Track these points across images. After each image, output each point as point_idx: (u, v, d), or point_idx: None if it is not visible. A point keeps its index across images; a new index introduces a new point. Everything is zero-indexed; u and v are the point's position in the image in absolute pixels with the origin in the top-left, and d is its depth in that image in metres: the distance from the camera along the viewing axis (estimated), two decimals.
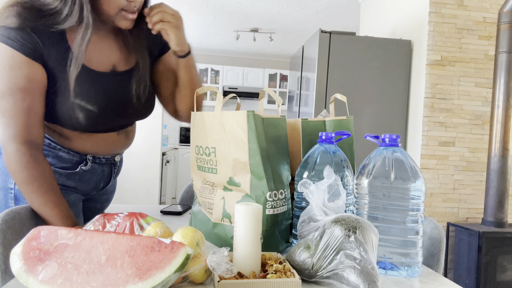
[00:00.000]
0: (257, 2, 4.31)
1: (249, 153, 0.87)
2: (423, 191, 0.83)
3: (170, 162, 5.16)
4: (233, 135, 0.89)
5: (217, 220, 0.96)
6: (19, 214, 0.92)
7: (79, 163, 1.07)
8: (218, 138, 0.93)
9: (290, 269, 0.71)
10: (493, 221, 2.52)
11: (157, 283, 0.58)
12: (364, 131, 2.82)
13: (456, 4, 2.73)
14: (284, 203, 0.94)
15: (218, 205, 0.95)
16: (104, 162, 1.13)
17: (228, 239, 0.93)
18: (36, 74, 0.92)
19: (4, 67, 0.89)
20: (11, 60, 0.89)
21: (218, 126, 0.92)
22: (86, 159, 1.08)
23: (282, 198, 0.93)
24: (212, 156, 0.95)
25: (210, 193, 0.98)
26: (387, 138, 0.86)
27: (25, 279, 0.62)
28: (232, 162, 0.90)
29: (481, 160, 2.79)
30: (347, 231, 0.71)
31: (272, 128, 0.96)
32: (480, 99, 2.78)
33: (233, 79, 6.57)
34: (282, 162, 0.97)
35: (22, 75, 0.90)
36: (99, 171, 1.12)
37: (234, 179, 0.91)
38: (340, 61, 2.82)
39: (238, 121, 0.88)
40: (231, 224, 0.92)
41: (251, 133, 0.87)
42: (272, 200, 0.89)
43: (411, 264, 0.81)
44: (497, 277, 2.46)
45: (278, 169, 0.95)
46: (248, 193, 0.89)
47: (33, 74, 0.91)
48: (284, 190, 0.94)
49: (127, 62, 1.06)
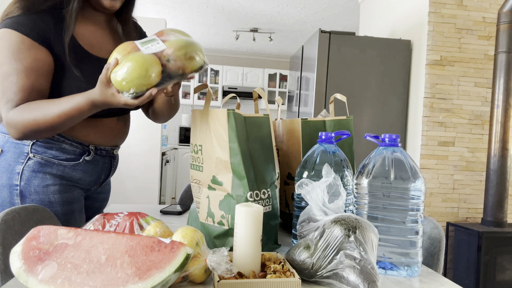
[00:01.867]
0: (257, 2, 4.31)
1: (230, 152, 0.87)
2: (422, 191, 0.83)
3: (170, 162, 5.16)
4: (215, 133, 0.89)
5: (203, 219, 0.96)
6: (18, 214, 0.92)
7: (82, 154, 1.10)
8: (204, 136, 0.93)
9: (289, 269, 0.72)
10: (493, 221, 2.52)
11: (157, 283, 0.58)
12: (363, 131, 2.82)
13: (455, 4, 2.73)
14: (268, 203, 0.93)
15: (204, 204, 0.95)
16: (105, 154, 1.16)
17: (211, 238, 0.92)
18: (42, 55, 0.97)
19: (13, 50, 0.94)
20: (20, 44, 0.95)
21: (205, 124, 0.92)
22: (89, 150, 1.11)
23: (265, 198, 0.92)
24: (199, 154, 0.95)
25: (198, 192, 0.98)
26: (387, 138, 0.86)
27: (25, 278, 0.62)
28: (215, 161, 0.90)
29: (481, 160, 2.79)
30: (347, 231, 0.72)
31: (255, 127, 0.95)
32: (480, 99, 2.78)
33: (233, 79, 6.57)
34: (266, 161, 0.96)
35: (29, 56, 0.95)
36: (100, 163, 1.16)
37: (217, 177, 0.91)
38: (340, 61, 2.82)
39: (220, 119, 0.88)
40: (214, 223, 0.92)
41: (232, 132, 0.86)
42: (253, 200, 0.88)
43: (410, 264, 0.81)
44: (497, 277, 2.46)
45: (261, 168, 0.94)
46: (230, 193, 0.88)
47: (39, 55, 0.97)
48: (267, 190, 0.93)
49: None
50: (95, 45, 1.08)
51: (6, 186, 1.03)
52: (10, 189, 1.03)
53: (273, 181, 0.96)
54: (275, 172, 0.97)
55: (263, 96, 1.00)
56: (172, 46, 0.87)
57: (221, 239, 0.91)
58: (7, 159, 1.03)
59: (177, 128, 6.68)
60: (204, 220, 0.95)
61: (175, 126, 6.74)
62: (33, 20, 0.97)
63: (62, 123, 0.95)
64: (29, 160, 1.03)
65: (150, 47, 0.87)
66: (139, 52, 0.86)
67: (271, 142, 0.99)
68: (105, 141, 1.14)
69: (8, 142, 1.04)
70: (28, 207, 0.96)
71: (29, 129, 0.94)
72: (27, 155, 1.03)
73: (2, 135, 1.06)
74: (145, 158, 3.98)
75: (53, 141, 1.05)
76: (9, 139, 1.05)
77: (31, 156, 1.04)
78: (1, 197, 1.03)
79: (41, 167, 1.04)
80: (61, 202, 1.07)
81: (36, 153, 1.04)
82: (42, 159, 1.04)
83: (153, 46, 0.87)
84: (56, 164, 1.06)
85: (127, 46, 0.89)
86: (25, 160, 1.03)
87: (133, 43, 0.89)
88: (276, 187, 0.97)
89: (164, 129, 5.67)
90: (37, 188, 1.04)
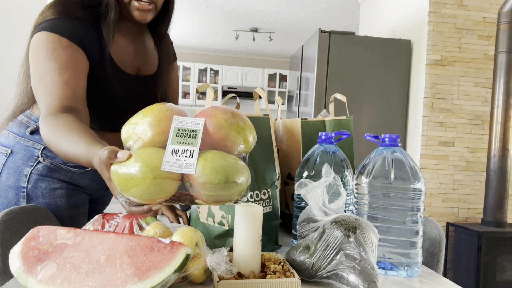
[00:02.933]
0: (257, 2, 4.31)
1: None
2: (423, 191, 0.83)
3: None
4: None
5: (203, 219, 0.96)
6: (18, 214, 0.92)
7: None
8: None
9: (289, 269, 0.71)
10: (493, 221, 2.52)
11: (157, 283, 0.57)
12: (363, 131, 2.82)
13: (455, 4, 2.73)
14: (268, 203, 0.92)
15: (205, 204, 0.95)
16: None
17: (211, 239, 0.92)
18: (80, 55, 0.94)
19: (49, 50, 0.90)
20: (57, 44, 0.91)
21: None
22: None
23: (265, 198, 0.92)
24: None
25: None
26: (387, 138, 0.86)
27: (24, 279, 0.61)
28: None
29: (481, 160, 2.79)
30: (346, 231, 0.71)
31: (255, 127, 0.94)
32: (480, 99, 2.78)
33: (233, 79, 6.57)
34: (266, 161, 0.95)
35: (65, 53, 0.91)
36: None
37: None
38: (340, 61, 2.82)
39: None
40: (214, 224, 0.92)
41: None
42: (253, 200, 0.88)
43: (410, 264, 0.81)
44: (497, 277, 2.46)
45: (261, 169, 0.93)
46: None
47: (77, 54, 0.93)
48: (268, 190, 0.93)
49: (151, 66, 1.13)
50: (123, 60, 1.05)
51: (13, 188, 1.03)
52: (17, 190, 1.03)
53: (273, 182, 0.96)
54: (275, 172, 0.97)
55: (263, 96, 1.00)
56: (206, 177, 0.60)
57: (221, 239, 0.91)
58: (16, 161, 1.03)
59: None
60: (204, 220, 0.95)
61: None
62: (71, 23, 0.94)
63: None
64: (38, 163, 1.03)
65: (178, 158, 0.61)
66: (158, 155, 0.61)
67: (271, 142, 0.98)
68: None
69: (19, 144, 1.04)
70: (27, 207, 0.96)
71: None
72: (37, 159, 1.03)
73: (14, 136, 1.04)
74: None
75: None
76: (20, 141, 1.04)
77: (41, 160, 1.03)
78: (7, 198, 1.03)
79: (50, 172, 1.04)
80: (67, 206, 1.07)
81: (46, 157, 1.04)
82: (52, 163, 1.04)
83: (183, 154, 0.61)
84: (64, 170, 1.06)
85: (160, 123, 0.65)
86: (34, 163, 1.03)
87: (169, 121, 0.65)
88: (276, 187, 0.97)
89: None
90: (44, 192, 1.04)
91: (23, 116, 1.06)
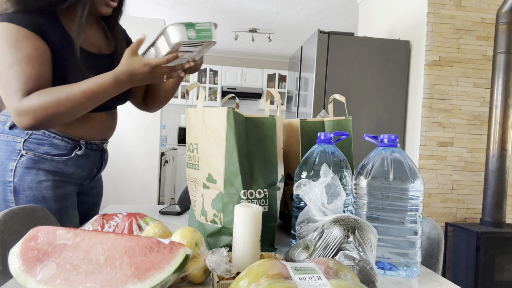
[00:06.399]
0: (256, 2, 4.31)
1: (226, 149, 0.87)
2: (421, 192, 0.83)
3: (169, 163, 5.15)
4: (212, 131, 0.89)
5: (198, 217, 0.96)
6: (17, 214, 0.92)
7: (73, 149, 1.11)
8: (200, 134, 0.93)
9: None
10: (491, 221, 2.52)
11: (156, 283, 0.58)
12: (362, 131, 2.82)
13: (454, 5, 2.74)
14: (264, 203, 0.92)
15: (199, 202, 0.96)
16: (95, 148, 1.19)
17: (205, 237, 0.93)
18: (42, 45, 0.98)
19: (11, 41, 0.95)
20: (17, 34, 0.95)
21: (200, 123, 0.93)
22: (79, 144, 1.12)
23: (260, 198, 0.91)
24: (195, 153, 0.96)
25: (194, 190, 0.99)
26: (385, 139, 0.86)
27: (24, 279, 0.61)
28: (211, 159, 0.90)
29: (479, 160, 2.79)
30: (346, 231, 0.72)
31: (256, 128, 0.94)
32: (478, 99, 2.78)
33: (232, 79, 6.57)
34: (266, 162, 0.95)
35: (29, 45, 0.96)
36: (92, 157, 1.18)
37: (212, 175, 0.91)
38: (339, 62, 2.82)
39: (218, 118, 0.88)
40: (207, 222, 0.92)
41: (230, 130, 0.86)
42: (246, 198, 0.88)
43: (409, 264, 0.81)
44: (495, 277, 2.46)
45: (259, 169, 0.93)
46: (222, 191, 0.88)
47: (39, 44, 0.97)
48: (264, 190, 0.91)
49: (109, 47, 1.19)
50: (85, 39, 1.10)
51: (0, 183, 1.04)
52: (3, 186, 1.04)
53: (273, 182, 0.95)
54: (277, 173, 0.96)
55: (276, 96, 0.99)
56: None
57: (213, 237, 0.91)
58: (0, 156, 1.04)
59: (176, 128, 6.68)
60: (199, 218, 0.96)
61: (174, 127, 6.73)
62: (28, 14, 0.97)
63: (85, 103, 0.97)
64: (21, 157, 1.04)
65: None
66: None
67: (274, 143, 0.97)
68: (95, 135, 1.16)
69: (0, 140, 1.05)
70: (26, 208, 0.96)
71: (50, 112, 0.95)
72: (20, 152, 1.04)
73: None
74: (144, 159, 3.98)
75: (44, 137, 1.07)
76: (0, 137, 1.06)
77: (24, 153, 1.05)
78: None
79: (34, 163, 1.05)
80: (54, 198, 1.08)
81: (28, 150, 1.05)
82: (35, 155, 1.05)
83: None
84: (48, 160, 1.07)
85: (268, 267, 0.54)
86: (17, 157, 1.04)
87: (283, 267, 0.55)
88: (278, 188, 0.96)
89: (163, 130, 5.66)
90: (30, 184, 1.05)
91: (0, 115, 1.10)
